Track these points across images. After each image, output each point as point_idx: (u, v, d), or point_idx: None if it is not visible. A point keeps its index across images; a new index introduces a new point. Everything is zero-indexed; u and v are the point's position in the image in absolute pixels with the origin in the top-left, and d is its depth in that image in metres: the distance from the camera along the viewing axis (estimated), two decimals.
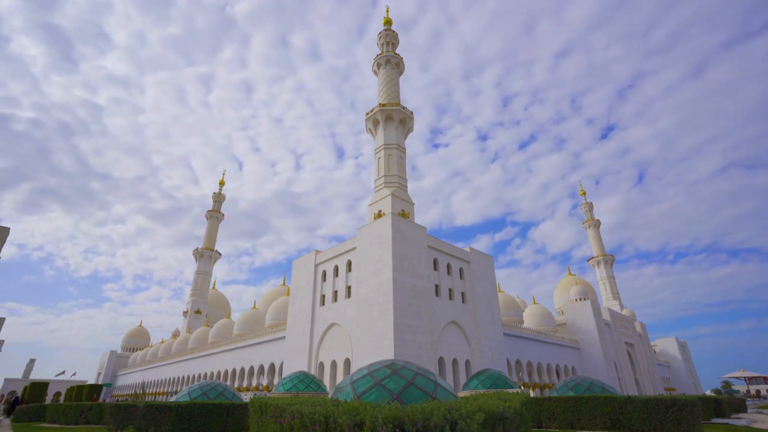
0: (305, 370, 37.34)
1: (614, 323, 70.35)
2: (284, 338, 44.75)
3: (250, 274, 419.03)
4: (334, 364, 36.44)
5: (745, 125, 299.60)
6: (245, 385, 51.73)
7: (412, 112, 50.27)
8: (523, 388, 49.14)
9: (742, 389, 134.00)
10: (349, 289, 37.76)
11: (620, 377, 63.68)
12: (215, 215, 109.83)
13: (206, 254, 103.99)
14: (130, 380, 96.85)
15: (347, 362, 35.03)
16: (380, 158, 46.56)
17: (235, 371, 55.16)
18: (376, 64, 54.21)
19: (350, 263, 38.46)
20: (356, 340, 33.77)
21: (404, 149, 48.46)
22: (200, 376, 63.88)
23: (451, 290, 39.28)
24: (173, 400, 19.32)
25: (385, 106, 48.40)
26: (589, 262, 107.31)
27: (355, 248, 37.77)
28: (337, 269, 40.20)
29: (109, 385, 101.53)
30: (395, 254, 33.13)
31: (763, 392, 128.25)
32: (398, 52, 55.45)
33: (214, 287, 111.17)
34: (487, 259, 46.02)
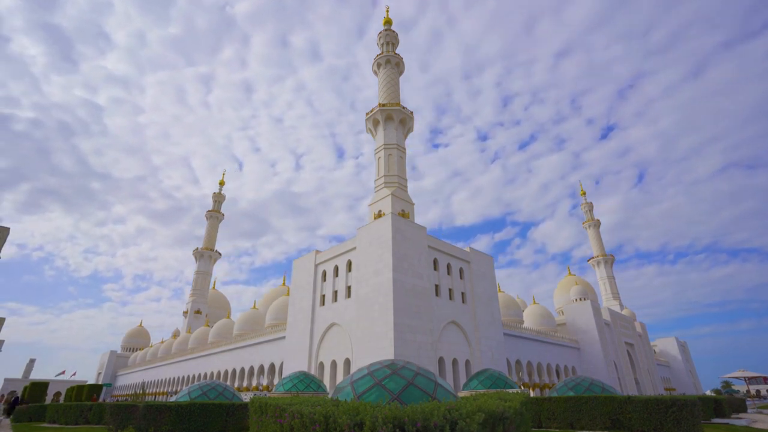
0: (305, 370, 37.34)
1: (614, 323, 70.37)
2: (284, 338, 44.76)
3: (250, 274, 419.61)
4: (334, 364, 36.44)
5: (745, 125, 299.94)
6: (245, 385, 51.74)
7: (412, 112, 50.29)
8: (523, 388, 49.14)
9: (742, 389, 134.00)
10: (349, 289, 37.77)
11: (620, 377, 63.69)
12: (215, 215, 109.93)
13: (206, 254, 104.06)
14: (130, 380, 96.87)
15: (347, 362, 35.03)
16: (380, 158, 46.57)
17: (235, 371, 55.17)
18: (376, 64, 54.24)
19: (350, 263, 38.47)
20: (356, 340, 33.77)
21: (404, 149, 48.47)
22: (200, 376, 63.90)
23: (451, 290, 39.28)
24: (173, 400, 19.32)
25: (385, 106, 48.40)
26: (589, 262, 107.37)
27: (355, 248, 37.77)
28: (337, 269, 40.20)
29: (109, 385, 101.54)
30: (395, 254, 33.14)
31: (763, 392, 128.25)
32: (398, 52, 55.47)
33: (214, 287, 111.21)
34: (487, 259, 46.02)
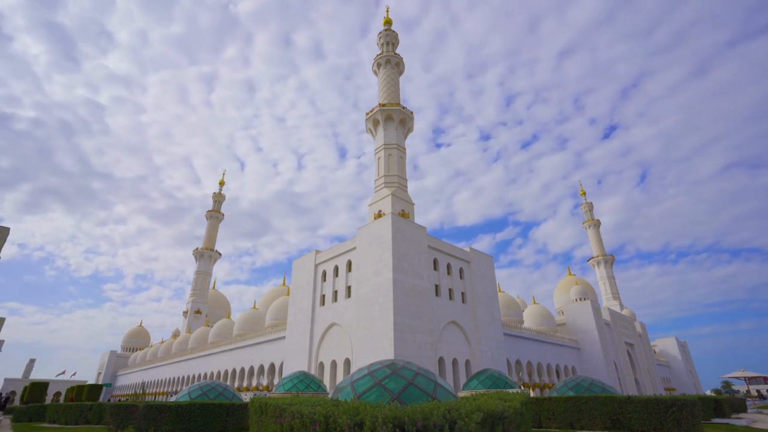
0: (305, 370, 37.35)
1: (614, 323, 70.36)
2: (284, 338, 44.76)
3: (251, 274, 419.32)
4: (334, 364, 36.44)
5: (748, 125, 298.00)
6: (245, 385, 51.74)
7: (412, 112, 50.29)
8: (523, 388, 49.15)
9: (742, 389, 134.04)
10: (349, 289, 37.77)
11: (620, 377, 63.68)
12: (215, 215, 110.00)
13: (206, 254, 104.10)
14: (130, 380, 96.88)
15: (347, 362, 35.03)
16: (380, 158, 46.57)
17: (235, 371, 55.17)
18: (376, 64, 54.25)
19: (350, 263, 38.47)
20: (356, 340, 33.77)
21: (404, 149, 48.47)
22: (200, 376, 63.90)
23: (451, 290, 39.28)
24: (173, 400, 19.33)
25: (385, 106, 48.41)
26: (589, 262, 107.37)
27: (355, 248, 37.77)
28: (337, 269, 40.20)
29: (109, 385, 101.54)
30: (395, 254, 33.14)
31: (763, 392, 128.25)
32: (401, 51, 55.65)
33: (214, 287, 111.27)
34: (487, 259, 46.02)
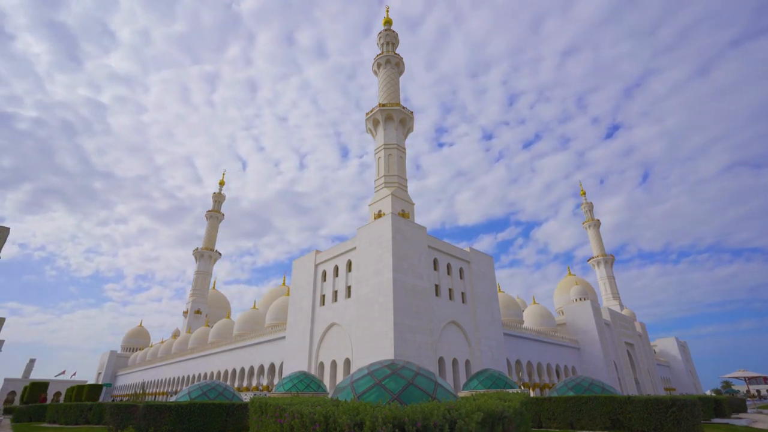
0: (305, 370, 37.35)
1: (614, 323, 70.36)
2: (284, 338, 44.76)
3: (252, 273, 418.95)
4: (334, 364, 36.44)
5: (750, 124, 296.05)
6: (245, 385, 51.74)
7: (411, 112, 50.29)
8: (523, 388, 49.15)
9: (742, 389, 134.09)
10: (349, 289, 37.77)
11: (620, 377, 63.68)
12: (215, 215, 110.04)
13: (206, 254, 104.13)
14: (130, 380, 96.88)
15: (347, 362, 35.03)
16: (380, 158, 46.58)
17: (235, 371, 55.17)
18: (376, 64, 54.26)
19: (350, 263, 38.47)
20: (356, 340, 33.78)
21: (404, 149, 48.48)
22: (200, 376, 63.90)
23: (451, 290, 39.28)
24: (173, 400, 19.33)
25: (385, 106, 48.41)
26: (589, 262, 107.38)
27: (355, 248, 37.77)
28: (337, 269, 40.21)
29: (109, 385, 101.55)
30: (395, 254, 33.14)
31: (763, 392, 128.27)
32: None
33: (214, 287, 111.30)
34: (487, 259, 46.02)
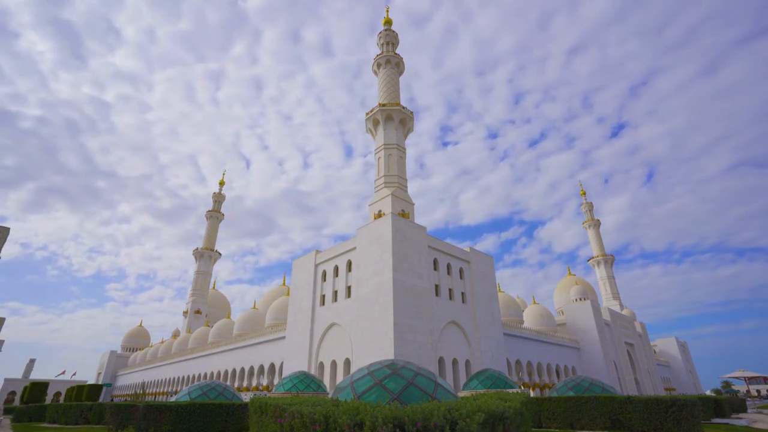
0: (305, 370, 37.34)
1: (614, 323, 70.36)
2: (284, 338, 44.75)
3: (254, 273, 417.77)
4: (334, 364, 36.44)
5: (755, 124, 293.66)
6: (245, 385, 51.74)
7: (411, 111, 50.30)
8: (523, 388, 49.14)
9: (742, 389, 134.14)
10: (349, 289, 37.76)
11: (620, 377, 63.68)
12: (215, 215, 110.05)
13: (206, 254, 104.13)
14: (130, 380, 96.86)
15: (347, 362, 35.03)
16: (380, 158, 46.59)
17: (235, 371, 55.16)
18: (376, 64, 54.27)
19: (350, 263, 38.46)
20: (356, 340, 33.77)
21: (404, 149, 48.48)
22: (200, 376, 63.89)
23: (451, 290, 39.27)
24: (173, 400, 19.33)
25: (385, 106, 48.41)
26: (589, 262, 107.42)
27: (355, 248, 37.77)
28: (337, 269, 40.20)
29: (109, 385, 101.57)
30: (395, 254, 33.14)
31: (763, 392, 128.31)
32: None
33: (214, 287, 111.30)
34: (487, 259, 46.03)
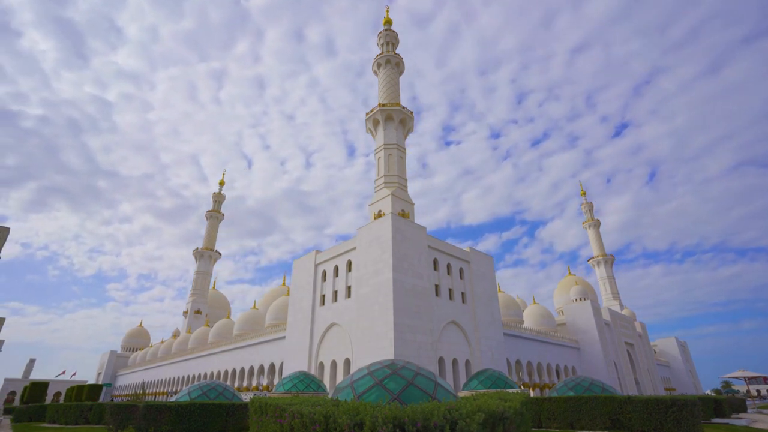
0: (305, 370, 37.34)
1: (614, 323, 70.35)
2: (284, 338, 44.75)
3: (255, 273, 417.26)
4: (334, 364, 36.44)
5: (757, 123, 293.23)
6: (245, 385, 51.73)
7: (411, 112, 50.31)
8: (523, 388, 49.14)
9: (742, 389, 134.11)
10: (349, 289, 37.76)
11: (620, 377, 63.68)
12: (215, 215, 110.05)
13: (206, 254, 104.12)
14: (130, 380, 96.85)
15: (347, 362, 35.03)
16: (380, 158, 46.62)
17: (235, 371, 55.16)
18: (375, 64, 54.29)
19: (350, 263, 38.46)
20: (356, 340, 33.77)
21: (404, 149, 48.50)
22: (200, 376, 63.88)
23: (451, 290, 39.27)
24: (173, 400, 19.33)
25: (385, 106, 48.42)
26: (589, 262, 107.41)
27: (355, 248, 37.77)
28: (337, 269, 40.20)
29: (109, 385, 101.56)
30: (395, 254, 33.14)
31: (763, 392, 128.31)
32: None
33: (214, 287, 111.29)
34: (487, 259, 46.02)
